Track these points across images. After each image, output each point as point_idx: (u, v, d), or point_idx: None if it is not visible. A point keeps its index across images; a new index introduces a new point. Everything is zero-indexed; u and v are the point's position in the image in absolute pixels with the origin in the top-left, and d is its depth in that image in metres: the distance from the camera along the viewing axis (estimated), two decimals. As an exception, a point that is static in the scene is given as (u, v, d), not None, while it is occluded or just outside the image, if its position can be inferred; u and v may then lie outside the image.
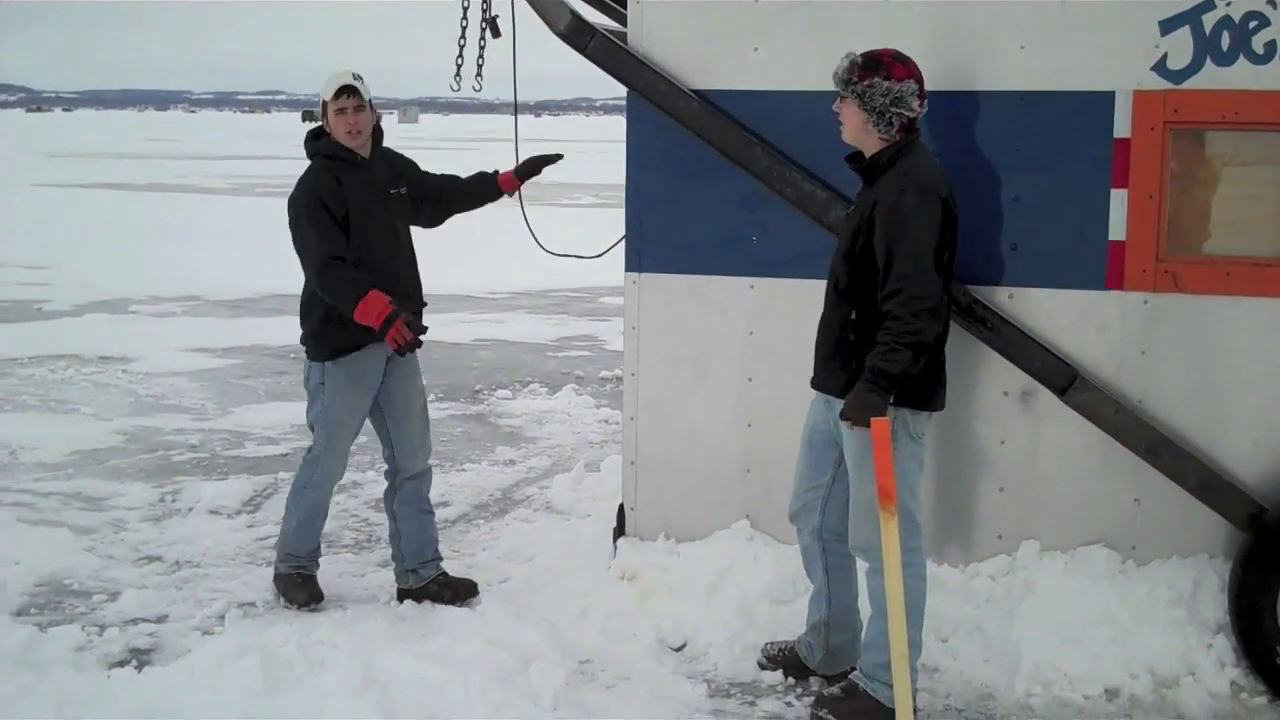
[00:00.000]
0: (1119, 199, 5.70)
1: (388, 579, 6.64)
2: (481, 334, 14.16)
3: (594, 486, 8.10)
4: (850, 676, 5.24)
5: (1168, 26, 5.60)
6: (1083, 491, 5.86)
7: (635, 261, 6.28)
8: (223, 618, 6.06)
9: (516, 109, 7.21)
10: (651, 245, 6.25)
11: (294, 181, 6.05)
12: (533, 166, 6.64)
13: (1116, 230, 5.72)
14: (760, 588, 5.96)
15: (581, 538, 7.11)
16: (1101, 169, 5.72)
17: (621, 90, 6.44)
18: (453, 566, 6.80)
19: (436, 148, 78.07)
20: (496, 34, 6.76)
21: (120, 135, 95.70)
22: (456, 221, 6.73)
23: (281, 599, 6.30)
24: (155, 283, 17.39)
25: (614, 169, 6.89)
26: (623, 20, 6.69)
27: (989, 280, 5.85)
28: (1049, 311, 5.82)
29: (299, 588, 6.30)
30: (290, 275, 17.48)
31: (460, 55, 6.64)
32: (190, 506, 7.79)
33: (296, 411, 10.12)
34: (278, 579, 6.38)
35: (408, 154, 6.37)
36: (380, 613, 6.13)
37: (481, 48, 6.77)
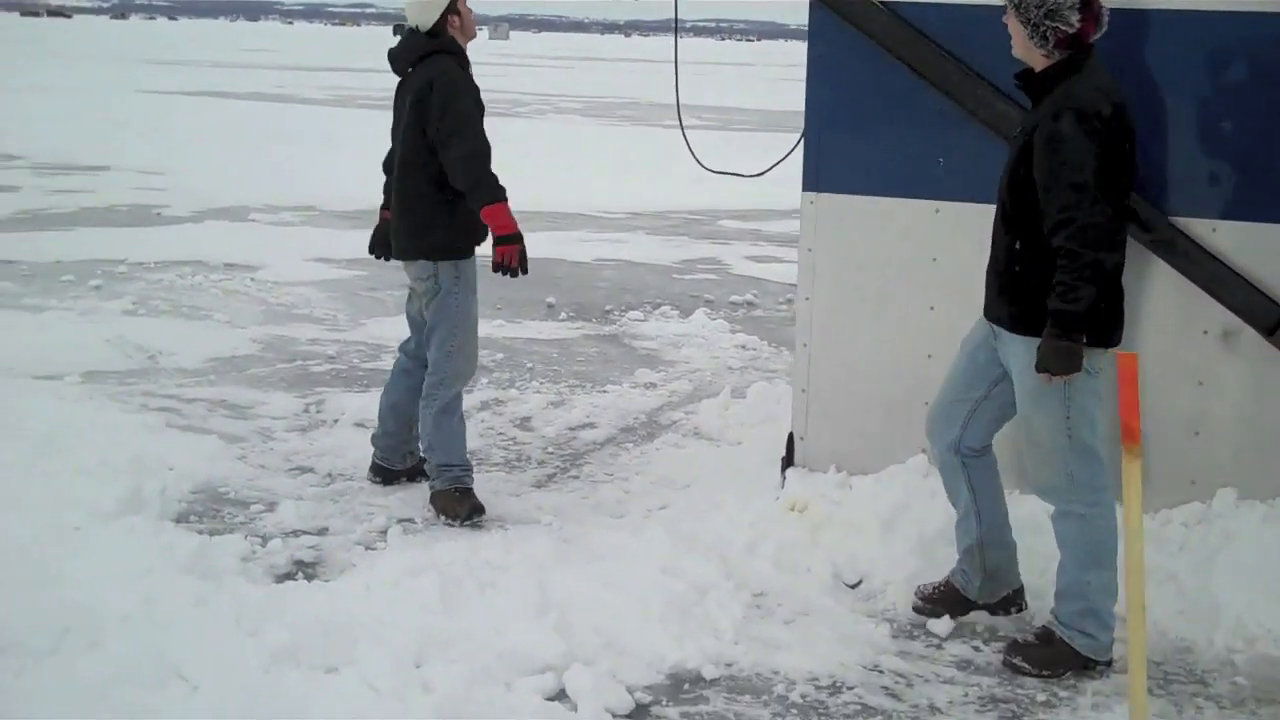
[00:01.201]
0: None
1: (545, 499, 6.54)
2: (603, 254, 13.95)
3: (742, 413, 7.90)
4: (1045, 624, 5.03)
5: None
6: (1290, 436, 5.57)
7: (813, 181, 6.04)
8: (384, 533, 5.96)
9: (677, 29, 6.98)
10: (831, 164, 6.00)
11: (391, 97, 6.37)
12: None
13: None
14: (938, 526, 5.73)
15: (739, 466, 6.94)
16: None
17: (712, 12, 6.29)
18: (607, 490, 6.72)
19: (529, 65, 77.88)
20: None
21: (215, 44, 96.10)
22: (559, 136, 6.70)
23: (441, 516, 6.18)
24: (270, 191, 17.32)
25: (708, 91, 6.67)
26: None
27: (1191, 211, 5.55)
28: (1255, 246, 5.51)
29: (458, 501, 6.20)
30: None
31: None
32: (335, 418, 7.67)
33: (429, 326, 10.08)
34: (435, 497, 6.26)
35: (501, 71, 6.19)
36: (543, 534, 5.99)
37: None
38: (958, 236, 5.85)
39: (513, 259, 6.02)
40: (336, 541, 5.88)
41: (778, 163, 6.78)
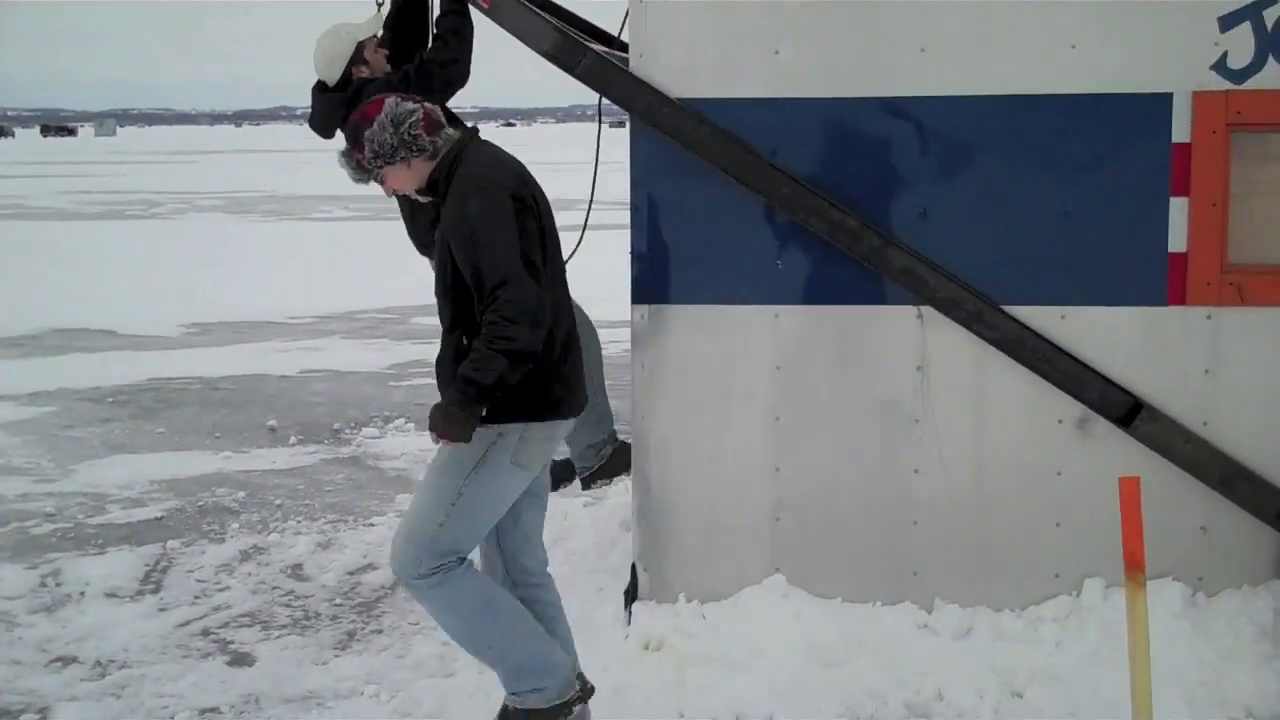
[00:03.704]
0: (1179, 207, 5.31)
1: (357, 665, 5.84)
2: (306, 364, 13.11)
3: (530, 536, 7.35)
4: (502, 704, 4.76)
5: (1227, 23, 5.23)
6: (1147, 521, 5.42)
7: (644, 292, 5.60)
8: (191, 732, 5.16)
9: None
10: (663, 273, 5.57)
11: (16, 204, 5.68)
12: None
13: (1177, 241, 5.33)
14: (809, 649, 5.36)
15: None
16: (1160, 176, 5.32)
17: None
18: (421, 644, 6.06)
19: (149, 161, 74.97)
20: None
21: None
22: (210, 235, 6.24)
23: None
24: (-89, 321, 15.66)
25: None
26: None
27: (1040, 300, 5.40)
28: (1106, 331, 5.39)
29: None
30: (64, 308, 16.16)
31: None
32: (80, 590, 6.71)
33: (149, 465, 9.19)
34: None
35: (122, 170, 5.36)
36: (374, 711, 5.31)
37: None
38: (801, 342, 5.52)
39: None
40: (138, 750, 5.05)
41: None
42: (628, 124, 5.57)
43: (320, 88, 6.13)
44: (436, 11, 6.15)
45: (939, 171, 5.42)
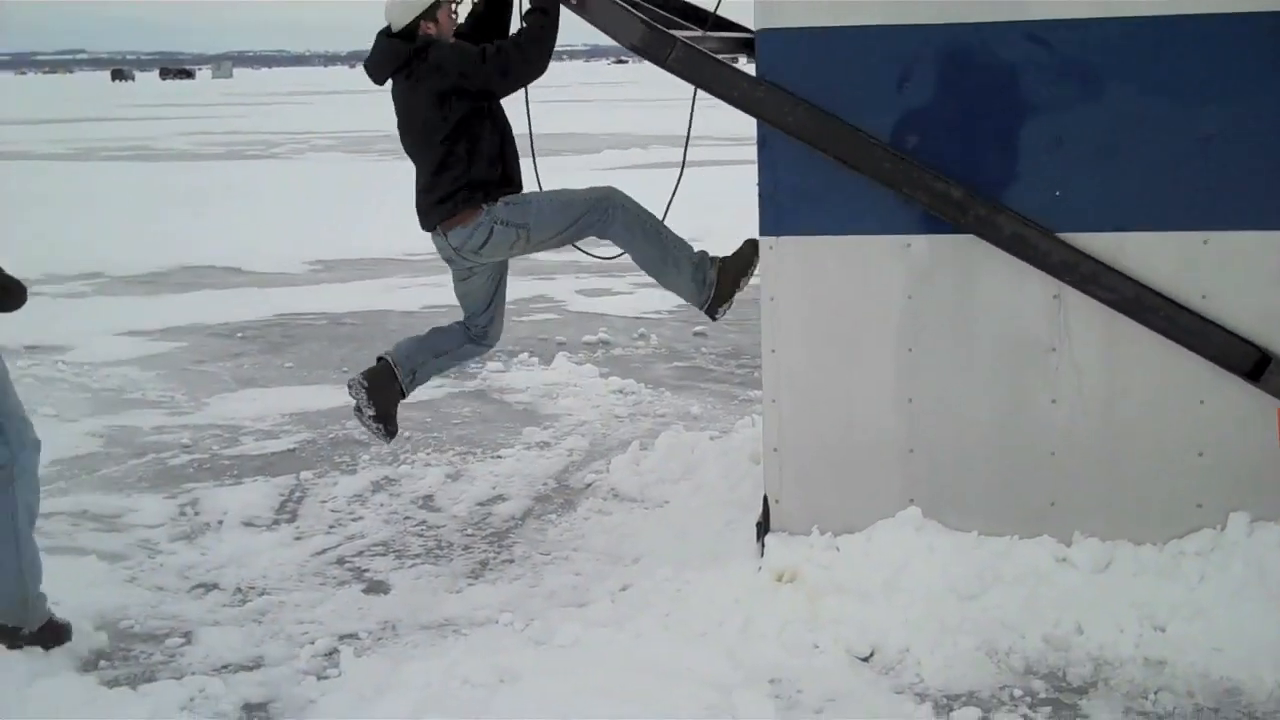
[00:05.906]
0: (1338, 128, 5.14)
1: (491, 593, 5.87)
2: (428, 300, 13.17)
3: (657, 468, 7.37)
4: None
5: (1388, -66, 5.03)
6: (1293, 455, 5.31)
7: (772, 224, 5.55)
8: (330, 656, 5.25)
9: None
10: (790, 205, 5.51)
11: (140, 146, 5.66)
12: None
13: (1329, 165, 5.17)
14: (944, 582, 5.32)
15: (682, 530, 6.40)
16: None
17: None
18: (553, 574, 6.09)
19: (265, 103, 75.86)
20: None
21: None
22: (328, 175, 6.31)
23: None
24: (47, 259, 15.88)
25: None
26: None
27: (1185, 225, 5.26)
28: (1252, 256, 5.24)
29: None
30: (190, 246, 16.30)
31: None
32: (219, 519, 6.85)
33: (279, 398, 9.34)
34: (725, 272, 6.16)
35: (240, 111, 5.41)
36: (509, 638, 5.35)
37: None
38: (933, 271, 5.44)
39: None
40: (281, 674, 5.11)
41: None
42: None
43: (386, 32, 6.15)
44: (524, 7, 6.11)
45: (1076, 97, 5.28)
